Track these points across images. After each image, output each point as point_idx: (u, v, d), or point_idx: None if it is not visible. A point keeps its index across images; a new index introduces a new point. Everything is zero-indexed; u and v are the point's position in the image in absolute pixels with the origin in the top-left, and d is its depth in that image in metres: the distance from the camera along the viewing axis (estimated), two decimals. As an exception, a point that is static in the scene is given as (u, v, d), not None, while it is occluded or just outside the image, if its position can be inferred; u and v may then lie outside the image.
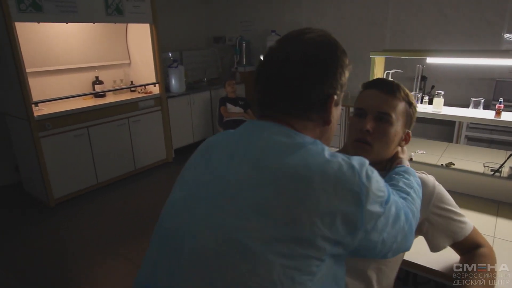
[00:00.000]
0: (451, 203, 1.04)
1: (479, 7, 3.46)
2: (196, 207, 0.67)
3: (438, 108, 1.61)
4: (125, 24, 4.03)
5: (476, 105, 1.56)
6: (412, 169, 0.97)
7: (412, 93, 1.67)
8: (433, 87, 3.68)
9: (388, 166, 1.05)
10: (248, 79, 5.12)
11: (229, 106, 4.20)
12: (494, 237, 1.29)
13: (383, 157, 1.03)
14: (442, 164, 1.89)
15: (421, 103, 1.70)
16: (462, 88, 3.71)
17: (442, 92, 1.58)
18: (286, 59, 0.71)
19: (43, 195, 3.25)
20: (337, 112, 0.77)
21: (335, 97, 0.73)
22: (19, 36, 2.91)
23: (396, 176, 0.91)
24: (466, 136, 3.49)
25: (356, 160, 0.66)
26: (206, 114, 4.74)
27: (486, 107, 2.88)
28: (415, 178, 0.93)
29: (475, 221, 1.40)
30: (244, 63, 5.10)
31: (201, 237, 0.63)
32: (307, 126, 0.73)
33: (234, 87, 4.25)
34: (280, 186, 0.61)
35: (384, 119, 0.99)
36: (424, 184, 1.00)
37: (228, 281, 0.60)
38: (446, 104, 1.63)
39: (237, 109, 4.20)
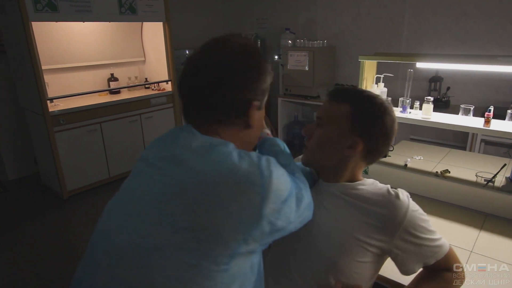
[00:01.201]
0: (424, 229, 0.91)
1: (503, 5, 3.27)
2: (116, 211, 0.76)
3: (427, 114, 1.55)
4: (141, 22, 4.13)
5: (466, 112, 1.49)
6: (270, 137, 0.99)
7: (401, 98, 1.62)
8: (448, 88, 3.53)
9: (338, 176, 0.99)
10: (262, 77, 5.11)
11: (240, 104, 4.21)
12: (471, 251, 1.24)
13: (319, 163, 0.99)
14: (436, 172, 1.82)
15: (412, 108, 1.64)
16: (481, 90, 3.54)
17: (431, 98, 1.52)
18: (204, 67, 0.74)
19: (57, 187, 3.41)
20: (259, 116, 0.81)
21: (256, 102, 0.77)
22: (38, 34, 3.06)
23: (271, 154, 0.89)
24: (482, 140, 3.33)
25: (264, 160, 0.72)
26: (219, 111, 4.78)
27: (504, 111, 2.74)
28: (279, 144, 0.95)
29: (456, 233, 1.36)
30: (259, 60, 5.09)
31: (114, 238, 0.71)
32: (227, 131, 0.77)
33: (245, 85, 4.25)
34: (187, 191, 0.67)
35: (318, 124, 0.98)
36: (394, 210, 0.90)
37: (134, 278, 0.66)
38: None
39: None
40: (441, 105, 3.58)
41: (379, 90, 1.68)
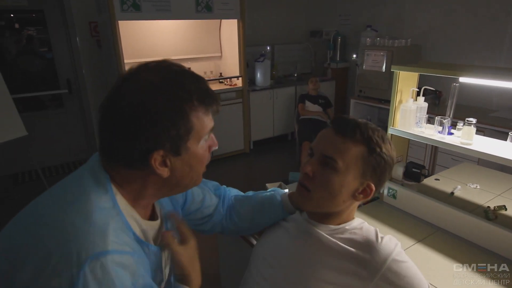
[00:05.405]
0: (407, 283, 0.82)
1: None
2: None
3: (468, 139, 1.27)
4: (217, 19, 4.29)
5: (517, 142, 1.18)
6: None
7: (439, 117, 1.37)
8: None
9: (333, 219, 0.91)
10: (339, 76, 4.89)
11: (308, 104, 4.09)
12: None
13: (329, 210, 0.89)
14: (488, 207, 1.51)
15: (455, 128, 1.36)
16: None
17: (474, 120, 1.24)
18: (112, 105, 0.63)
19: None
20: (181, 163, 0.65)
21: (160, 152, 0.61)
22: (124, 31, 3.42)
23: None
24: None
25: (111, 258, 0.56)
26: (289, 109, 4.73)
27: None
28: None
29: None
30: (338, 59, 4.87)
31: None
32: (135, 176, 0.65)
33: (316, 84, 4.11)
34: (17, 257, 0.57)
35: (329, 165, 0.84)
36: (375, 256, 0.82)
37: None
38: None
39: (316, 108, 4.06)
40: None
41: (416, 105, 1.44)
